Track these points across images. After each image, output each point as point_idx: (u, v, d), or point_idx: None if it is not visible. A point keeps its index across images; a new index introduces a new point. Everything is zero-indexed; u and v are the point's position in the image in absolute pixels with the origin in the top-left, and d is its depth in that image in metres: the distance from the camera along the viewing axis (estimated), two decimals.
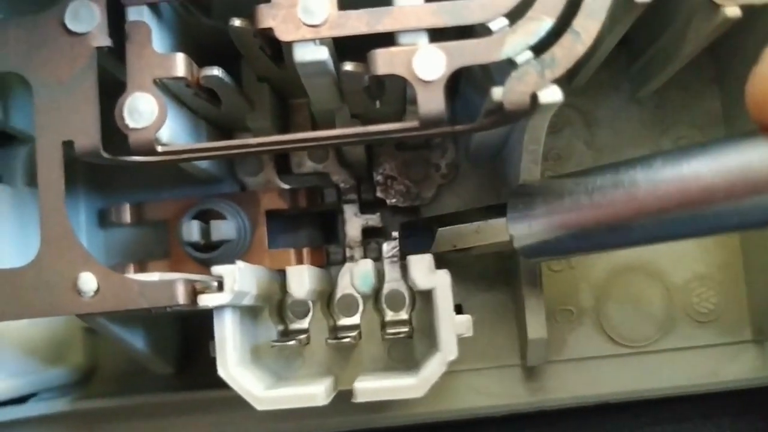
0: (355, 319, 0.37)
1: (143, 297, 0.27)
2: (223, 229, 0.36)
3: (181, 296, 0.28)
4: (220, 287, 0.29)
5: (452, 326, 0.30)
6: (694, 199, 0.26)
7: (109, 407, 0.37)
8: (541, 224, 0.30)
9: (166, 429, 0.38)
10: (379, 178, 0.39)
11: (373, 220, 0.39)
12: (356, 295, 0.37)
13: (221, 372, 0.30)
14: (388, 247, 0.39)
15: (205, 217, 0.37)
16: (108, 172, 0.39)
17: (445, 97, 0.28)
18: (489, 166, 0.39)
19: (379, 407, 0.38)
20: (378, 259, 0.38)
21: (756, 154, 0.24)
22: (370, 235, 0.40)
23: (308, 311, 0.37)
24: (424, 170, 0.40)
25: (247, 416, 0.38)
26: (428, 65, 0.28)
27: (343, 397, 0.33)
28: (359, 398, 0.30)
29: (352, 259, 0.39)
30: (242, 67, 0.35)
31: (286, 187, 0.39)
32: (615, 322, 0.39)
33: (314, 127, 0.39)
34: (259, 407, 0.30)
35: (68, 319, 0.37)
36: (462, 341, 0.31)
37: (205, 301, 0.28)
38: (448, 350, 0.30)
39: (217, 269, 0.29)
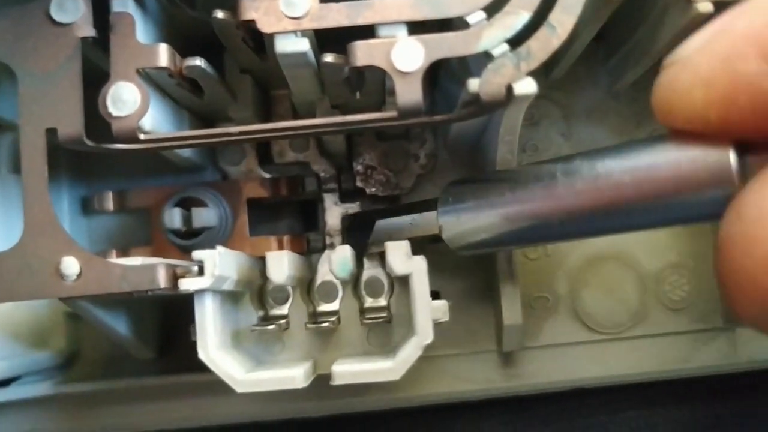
0: (334, 305, 0.38)
1: (125, 281, 0.28)
2: (205, 217, 0.36)
3: (162, 280, 0.28)
4: (201, 272, 0.29)
5: (428, 311, 0.31)
6: (606, 196, 0.27)
7: (91, 391, 0.38)
8: (469, 217, 0.31)
9: (148, 413, 0.38)
10: (359, 167, 0.40)
11: (353, 208, 0.40)
12: (335, 281, 0.38)
13: (201, 355, 0.31)
14: None
15: (187, 204, 0.37)
16: (91, 160, 0.40)
17: (423, 88, 0.29)
18: (467, 157, 0.40)
19: (357, 391, 0.39)
20: None
21: (662, 156, 0.25)
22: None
23: (288, 297, 0.38)
24: (404, 160, 0.40)
25: (228, 400, 0.38)
26: (406, 57, 0.28)
27: (322, 382, 0.33)
28: (337, 381, 0.31)
29: (331, 246, 0.39)
30: (225, 59, 0.36)
31: (267, 176, 0.39)
32: (590, 309, 0.40)
33: (295, 118, 0.39)
34: (239, 390, 0.30)
35: (51, 303, 0.38)
36: (439, 327, 0.32)
37: (186, 285, 0.29)
38: (424, 334, 0.31)
39: (197, 254, 0.30)
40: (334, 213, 0.40)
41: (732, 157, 0.23)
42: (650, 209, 0.26)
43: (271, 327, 0.34)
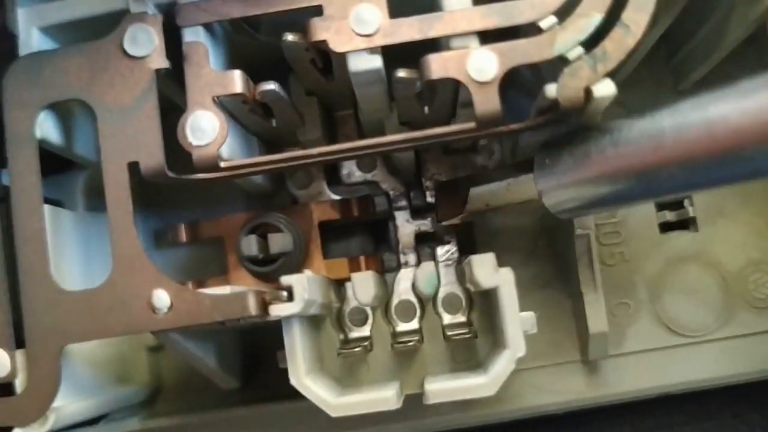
0: (413, 324, 0.37)
1: (216, 310, 0.28)
2: (281, 242, 0.36)
3: (252, 307, 0.28)
4: (290, 297, 0.29)
5: (519, 323, 0.30)
6: (723, 144, 0.25)
7: (179, 424, 0.38)
8: (568, 178, 0.30)
9: None
10: (428, 183, 0.40)
11: (425, 225, 0.40)
12: (413, 300, 0.38)
13: (293, 381, 0.30)
14: (442, 251, 0.39)
15: (261, 231, 0.37)
16: (160, 193, 0.40)
17: (499, 97, 0.28)
18: None
19: (443, 410, 0.38)
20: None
21: None
22: (423, 240, 0.40)
23: (367, 318, 0.38)
24: (472, 173, 0.40)
25: (315, 426, 0.38)
26: (482, 67, 0.28)
27: (408, 402, 0.33)
28: (431, 400, 0.30)
29: (406, 264, 0.39)
30: (290, 82, 0.36)
31: (337, 198, 0.39)
32: (672, 313, 0.39)
33: (361, 138, 0.39)
34: (333, 414, 0.30)
35: (132, 339, 0.38)
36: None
37: (277, 311, 0.29)
38: (516, 347, 0.30)
39: (286, 279, 0.29)
40: (406, 230, 0.40)
41: None
42: None
43: (358, 349, 0.33)
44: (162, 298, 0.28)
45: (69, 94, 0.29)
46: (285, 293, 0.29)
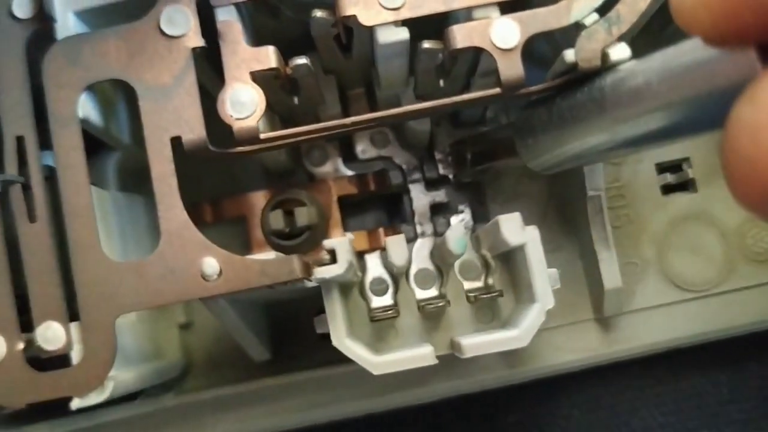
0: (432, 291, 0.39)
1: (264, 275, 0.29)
2: (308, 215, 0.37)
3: (299, 270, 0.29)
4: (333, 260, 0.31)
5: (546, 276, 0.32)
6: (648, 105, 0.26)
7: (215, 397, 0.39)
8: (542, 144, 0.32)
9: (271, 413, 0.39)
10: (440, 156, 0.41)
11: (440, 196, 0.41)
12: (431, 267, 0.39)
13: (336, 343, 0.32)
14: (456, 221, 0.41)
15: (284, 206, 0.38)
16: (180, 175, 0.41)
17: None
18: None
19: (467, 372, 0.40)
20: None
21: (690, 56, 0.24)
22: (437, 211, 0.41)
23: (388, 288, 0.39)
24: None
25: (352, 391, 0.40)
26: (505, 35, 0.30)
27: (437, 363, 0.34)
28: (467, 353, 0.32)
29: (423, 234, 0.41)
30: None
31: (351, 173, 0.41)
32: (678, 270, 0.41)
33: None
34: (376, 372, 0.32)
35: (165, 315, 0.39)
36: None
37: (322, 272, 0.30)
38: (545, 300, 0.32)
39: (329, 242, 0.31)
40: (421, 202, 0.41)
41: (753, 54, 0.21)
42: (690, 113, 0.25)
43: (390, 312, 0.35)
44: (212, 265, 0.29)
45: (110, 74, 0.30)
46: (328, 257, 0.31)
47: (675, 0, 0.22)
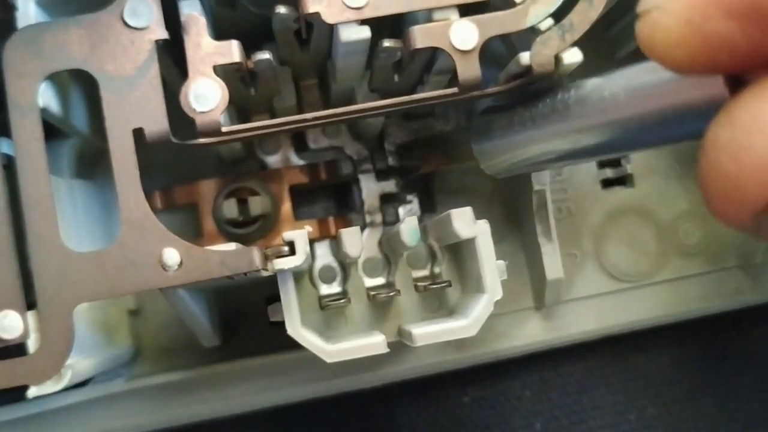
0: (379, 280, 0.40)
1: (224, 265, 0.30)
2: (261, 204, 0.38)
3: (258, 262, 0.30)
4: (291, 251, 0.31)
5: (496, 269, 0.33)
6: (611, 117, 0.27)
7: (165, 383, 0.39)
8: (498, 148, 0.34)
9: (222, 397, 0.40)
10: (390, 147, 0.42)
11: (389, 186, 0.42)
12: (379, 256, 0.40)
13: (291, 331, 0.32)
14: (404, 211, 0.42)
15: (237, 195, 0.39)
16: None
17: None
18: None
19: (415, 356, 0.41)
20: (395, 222, 0.41)
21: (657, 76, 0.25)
22: (386, 201, 0.42)
23: (336, 276, 0.40)
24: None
25: (302, 376, 0.40)
26: (464, 37, 0.31)
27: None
28: (418, 342, 0.33)
29: (372, 224, 0.42)
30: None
31: (303, 162, 0.41)
32: (614, 261, 0.43)
33: (326, 106, 0.41)
34: (329, 360, 0.32)
35: (116, 303, 0.39)
36: None
37: (281, 264, 0.31)
38: (494, 291, 0.33)
39: (288, 234, 0.31)
40: (371, 192, 0.42)
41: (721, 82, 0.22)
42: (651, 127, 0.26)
43: (342, 300, 0.36)
44: (172, 255, 0.29)
45: (71, 64, 0.30)
46: (286, 248, 0.31)
47: (645, 37, 0.22)
